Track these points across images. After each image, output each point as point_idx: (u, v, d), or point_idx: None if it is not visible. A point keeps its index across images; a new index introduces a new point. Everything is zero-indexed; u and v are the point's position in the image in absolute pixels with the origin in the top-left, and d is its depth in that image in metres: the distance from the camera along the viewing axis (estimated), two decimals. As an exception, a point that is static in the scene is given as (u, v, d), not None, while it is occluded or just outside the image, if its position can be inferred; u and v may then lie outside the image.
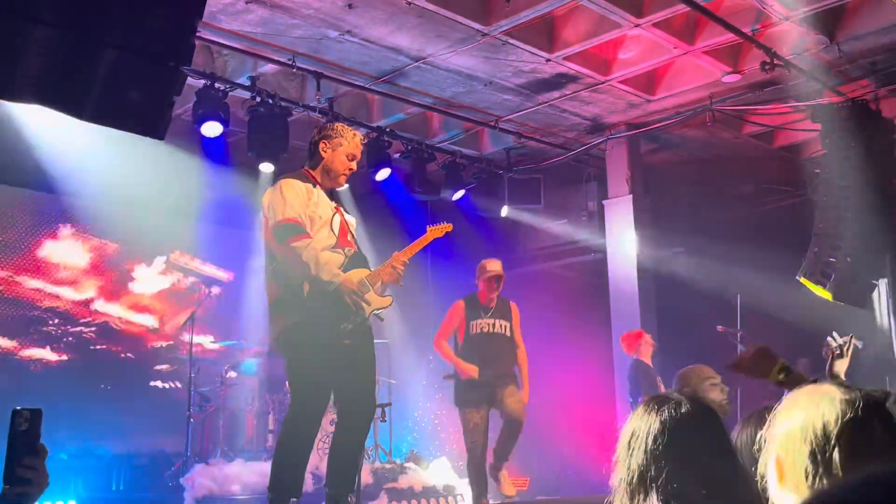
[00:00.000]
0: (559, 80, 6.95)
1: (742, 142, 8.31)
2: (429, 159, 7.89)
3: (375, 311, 3.54)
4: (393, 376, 7.76)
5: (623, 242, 8.06)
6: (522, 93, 7.20)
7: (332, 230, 3.48)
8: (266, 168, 6.74)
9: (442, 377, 5.71)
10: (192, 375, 6.74)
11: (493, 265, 5.53)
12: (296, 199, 3.40)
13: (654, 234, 8.26)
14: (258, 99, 6.55)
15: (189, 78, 5.86)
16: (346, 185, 3.89)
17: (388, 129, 7.56)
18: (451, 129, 8.14)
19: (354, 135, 3.64)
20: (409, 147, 7.75)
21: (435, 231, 3.92)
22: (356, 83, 6.89)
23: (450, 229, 3.99)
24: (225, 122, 6.35)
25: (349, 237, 3.58)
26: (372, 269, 3.59)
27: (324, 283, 3.31)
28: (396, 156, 7.84)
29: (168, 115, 3.53)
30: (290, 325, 3.38)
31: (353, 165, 3.62)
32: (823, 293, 6.41)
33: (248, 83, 6.56)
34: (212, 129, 6.35)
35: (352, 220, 3.73)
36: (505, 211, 8.47)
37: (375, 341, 3.67)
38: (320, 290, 3.34)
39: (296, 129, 6.84)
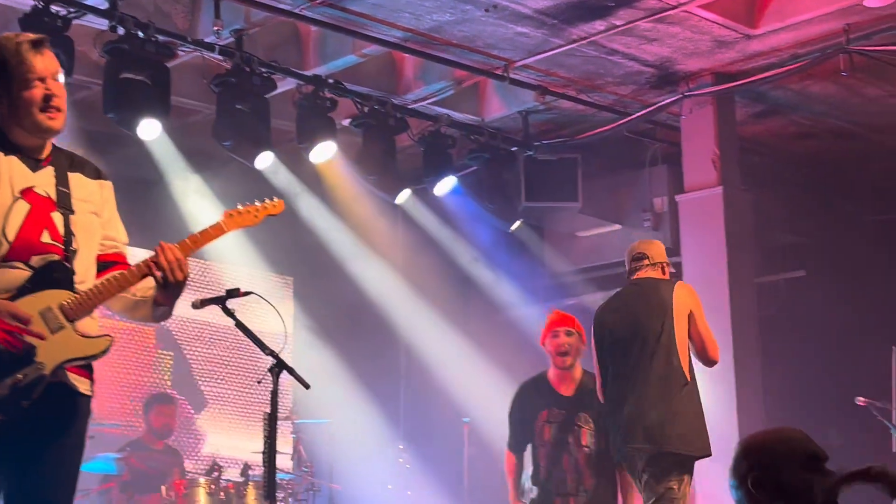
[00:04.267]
0: (605, 3, 7.11)
1: (897, 103, 8.66)
2: (397, 128, 8.10)
3: (75, 363, 3.43)
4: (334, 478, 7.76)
5: (709, 262, 8.14)
6: (547, 23, 7.34)
7: (3, 228, 3.36)
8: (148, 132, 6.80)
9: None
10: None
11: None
12: None
13: (759, 248, 8.36)
14: (120, 31, 6.63)
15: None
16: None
17: (330, 81, 7.74)
18: (433, 82, 8.36)
19: (11, 40, 3.37)
20: (366, 109, 7.96)
21: (241, 217, 3.62)
22: (280, 6, 7.07)
23: (275, 211, 3.69)
24: (66, 67, 6.26)
25: (50, 235, 3.44)
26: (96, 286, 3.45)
27: None
28: (345, 122, 8.12)
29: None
30: None
31: (52, 86, 3.37)
32: None
33: (104, 5, 6.61)
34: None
35: (86, 200, 3.51)
36: (516, 223, 8.60)
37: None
38: None
39: (181, 77, 7.05)
